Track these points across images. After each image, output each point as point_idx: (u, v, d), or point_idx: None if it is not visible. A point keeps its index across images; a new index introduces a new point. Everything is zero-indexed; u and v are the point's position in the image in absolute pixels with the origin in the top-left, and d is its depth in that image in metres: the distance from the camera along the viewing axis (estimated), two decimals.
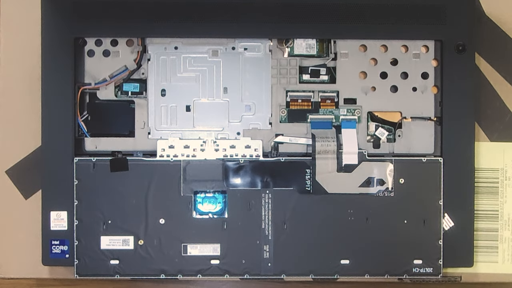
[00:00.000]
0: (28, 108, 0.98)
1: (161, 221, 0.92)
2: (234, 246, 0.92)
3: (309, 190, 0.93)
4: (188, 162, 0.93)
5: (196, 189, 0.93)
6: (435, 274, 0.93)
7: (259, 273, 0.92)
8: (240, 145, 0.93)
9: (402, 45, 0.95)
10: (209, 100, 0.95)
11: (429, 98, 0.95)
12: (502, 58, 0.98)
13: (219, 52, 0.96)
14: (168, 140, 0.93)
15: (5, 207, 0.98)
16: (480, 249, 0.97)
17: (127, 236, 0.92)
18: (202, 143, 0.93)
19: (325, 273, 0.93)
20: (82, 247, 0.92)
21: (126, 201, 0.92)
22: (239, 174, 0.93)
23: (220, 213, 0.93)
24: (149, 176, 0.92)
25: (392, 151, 0.96)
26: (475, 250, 0.95)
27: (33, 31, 0.96)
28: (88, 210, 0.92)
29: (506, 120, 0.98)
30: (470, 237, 0.94)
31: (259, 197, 0.93)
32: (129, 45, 0.96)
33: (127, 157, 0.93)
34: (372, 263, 0.93)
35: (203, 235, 0.92)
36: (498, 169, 0.97)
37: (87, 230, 0.92)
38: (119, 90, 0.96)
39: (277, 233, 0.92)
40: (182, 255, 0.92)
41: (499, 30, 0.98)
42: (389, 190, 0.93)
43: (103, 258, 0.92)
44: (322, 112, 0.96)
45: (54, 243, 0.93)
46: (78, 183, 0.92)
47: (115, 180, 0.92)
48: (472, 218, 0.95)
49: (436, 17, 0.93)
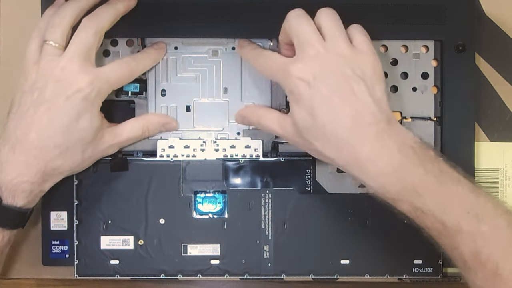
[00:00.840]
0: None
1: (161, 221, 0.92)
2: (234, 246, 0.92)
3: (309, 190, 0.93)
4: (188, 162, 0.93)
5: (196, 189, 0.93)
6: (435, 274, 0.93)
7: (259, 273, 0.92)
8: (240, 145, 0.93)
9: (402, 45, 0.95)
10: (209, 100, 0.95)
11: (429, 98, 0.95)
12: (502, 58, 0.98)
13: (219, 52, 0.95)
14: (168, 140, 0.93)
15: None
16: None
17: (127, 236, 0.92)
18: (202, 143, 0.93)
19: (325, 273, 0.93)
20: (82, 247, 0.92)
21: (126, 201, 0.92)
22: (239, 174, 0.93)
23: (220, 213, 0.93)
24: (149, 176, 0.92)
25: None
26: None
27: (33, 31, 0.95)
28: (88, 210, 0.92)
29: (506, 120, 0.98)
30: None
31: (259, 197, 0.93)
32: (129, 45, 0.95)
33: (127, 157, 0.93)
34: (372, 263, 0.93)
35: (203, 235, 0.92)
36: (498, 169, 0.97)
37: (87, 230, 0.92)
38: (119, 90, 0.95)
39: (277, 233, 0.92)
40: (182, 255, 0.92)
41: (499, 30, 0.98)
42: None
43: (103, 258, 0.92)
44: None
45: (54, 243, 0.93)
46: (78, 183, 0.92)
47: (115, 180, 0.92)
48: None
49: (436, 17, 0.93)
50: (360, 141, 0.75)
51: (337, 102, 0.76)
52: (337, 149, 0.77)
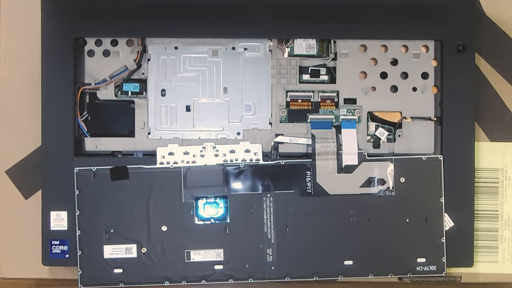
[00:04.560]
0: (28, 108, 0.97)
1: (163, 228, 0.92)
2: (237, 250, 0.93)
3: (310, 192, 0.93)
4: (188, 168, 0.93)
5: (197, 195, 0.93)
6: (438, 272, 0.94)
7: (263, 277, 0.93)
8: (239, 149, 0.93)
9: (402, 45, 0.94)
10: (209, 100, 0.95)
11: (429, 98, 0.95)
12: (502, 58, 0.98)
13: (219, 52, 0.95)
14: (167, 147, 0.93)
15: (5, 207, 0.99)
16: (480, 249, 0.97)
17: (130, 245, 0.92)
18: (201, 149, 0.93)
19: (329, 274, 0.93)
20: (85, 257, 0.92)
21: (127, 209, 0.92)
22: (239, 178, 0.93)
23: (222, 218, 0.93)
24: (150, 183, 0.92)
25: (392, 151, 0.96)
26: (475, 250, 0.96)
27: (33, 31, 0.95)
28: (90, 219, 0.92)
29: (506, 120, 0.98)
30: (470, 237, 0.95)
31: (261, 201, 0.93)
32: (129, 45, 0.95)
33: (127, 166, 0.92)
34: (376, 263, 0.94)
35: (206, 241, 0.93)
36: (498, 169, 0.97)
37: (89, 240, 0.92)
38: (119, 90, 0.96)
39: (280, 236, 0.93)
40: (186, 262, 0.92)
41: (499, 30, 0.98)
42: (390, 189, 0.94)
43: (107, 267, 0.92)
44: (322, 112, 0.96)
45: (54, 243, 0.94)
46: (79, 193, 0.92)
47: (116, 189, 0.92)
48: (472, 218, 0.95)
49: (436, 17, 0.93)
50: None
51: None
52: None
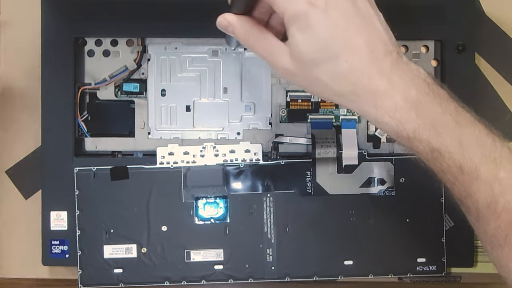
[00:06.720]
0: (28, 108, 0.98)
1: (163, 228, 0.92)
2: (237, 250, 0.93)
3: (310, 192, 0.93)
4: (188, 168, 0.93)
5: (197, 195, 0.93)
6: (438, 272, 0.94)
7: (263, 277, 0.93)
8: (239, 149, 0.93)
9: (402, 45, 0.94)
10: (209, 100, 0.95)
11: None
12: (502, 58, 0.98)
13: (219, 52, 0.95)
14: (167, 147, 0.93)
15: (5, 207, 0.99)
16: (480, 249, 0.96)
17: (130, 245, 0.92)
18: (201, 149, 0.93)
19: (329, 274, 0.93)
20: (85, 257, 0.92)
21: (127, 209, 0.92)
22: (239, 178, 0.93)
23: (222, 218, 0.93)
24: (150, 183, 0.92)
25: (392, 151, 0.96)
26: (475, 250, 0.96)
27: (33, 31, 0.95)
28: (90, 219, 0.92)
29: (506, 120, 0.98)
30: (470, 237, 0.95)
31: (261, 201, 0.93)
32: (129, 45, 0.96)
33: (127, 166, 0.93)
34: (376, 263, 0.94)
35: (206, 241, 0.93)
36: None
37: (89, 240, 0.93)
38: (119, 90, 0.96)
39: (280, 236, 0.93)
40: (186, 262, 0.92)
41: (499, 30, 0.98)
42: (390, 189, 0.94)
43: (107, 267, 0.92)
44: (322, 112, 0.96)
45: (54, 243, 0.94)
46: (79, 193, 0.92)
47: (116, 189, 0.92)
48: None
49: (436, 17, 0.93)
50: (376, 72, 0.68)
51: (352, 30, 0.68)
52: (349, 82, 0.69)
